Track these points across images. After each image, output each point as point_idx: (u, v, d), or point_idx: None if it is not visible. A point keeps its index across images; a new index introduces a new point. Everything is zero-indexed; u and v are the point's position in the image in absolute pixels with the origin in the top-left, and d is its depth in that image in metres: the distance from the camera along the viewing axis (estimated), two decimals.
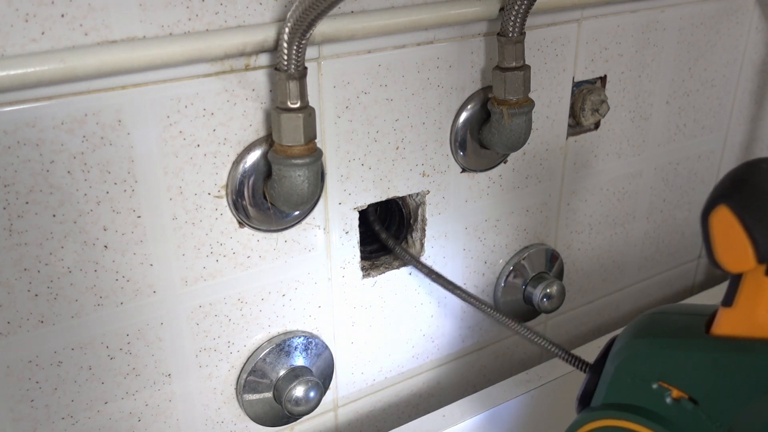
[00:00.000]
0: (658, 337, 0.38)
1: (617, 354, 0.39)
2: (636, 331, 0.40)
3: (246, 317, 0.52)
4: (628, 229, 0.73)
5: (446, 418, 0.57)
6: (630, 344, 0.39)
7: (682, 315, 0.39)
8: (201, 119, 0.45)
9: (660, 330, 0.39)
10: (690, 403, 0.36)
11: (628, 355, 0.39)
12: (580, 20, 0.59)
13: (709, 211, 0.32)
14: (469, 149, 0.57)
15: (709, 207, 0.32)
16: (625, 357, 0.39)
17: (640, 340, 0.39)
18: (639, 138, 0.69)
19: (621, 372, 0.39)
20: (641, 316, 0.41)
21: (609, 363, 0.40)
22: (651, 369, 0.37)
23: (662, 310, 0.40)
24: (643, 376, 0.38)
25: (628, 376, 0.38)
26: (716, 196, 0.32)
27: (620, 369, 0.39)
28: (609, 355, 0.40)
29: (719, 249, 0.32)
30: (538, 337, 0.52)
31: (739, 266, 0.32)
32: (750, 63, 0.74)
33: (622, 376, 0.39)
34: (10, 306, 0.43)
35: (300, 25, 0.41)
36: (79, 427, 0.48)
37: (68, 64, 0.38)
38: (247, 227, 0.49)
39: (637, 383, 0.38)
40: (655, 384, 0.37)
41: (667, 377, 0.37)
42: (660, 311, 0.40)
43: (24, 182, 0.40)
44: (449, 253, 0.60)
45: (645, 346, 0.38)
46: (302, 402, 0.52)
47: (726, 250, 0.32)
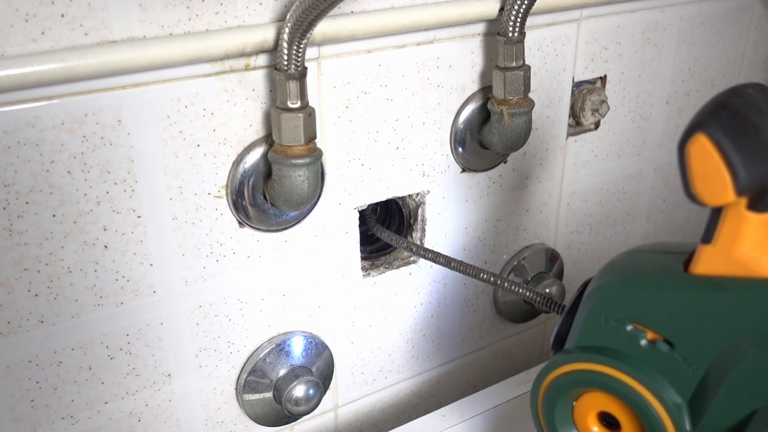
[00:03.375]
0: (634, 277, 0.36)
1: (591, 295, 0.37)
2: (611, 270, 0.38)
3: (246, 317, 0.52)
4: (628, 229, 0.73)
5: (446, 418, 0.57)
6: (604, 284, 0.37)
7: (660, 254, 0.37)
8: (201, 119, 0.45)
9: (636, 269, 0.37)
10: (666, 345, 0.34)
11: (602, 295, 0.37)
12: (580, 20, 0.59)
13: (685, 141, 0.30)
14: (469, 149, 0.57)
15: (686, 136, 0.30)
16: (599, 298, 0.37)
17: (615, 280, 0.37)
18: (639, 138, 0.69)
19: (594, 313, 0.37)
20: (617, 256, 0.39)
21: (583, 304, 0.38)
22: (625, 310, 0.36)
23: (639, 248, 0.39)
24: (617, 317, 0.36)
25: (601, 317, 0.36)
26: (694, 124, 0.30)
27: (594, 310, 0.37)
28: (583, 296, 0.38)
29: (696, 181, 0.30)
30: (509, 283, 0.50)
31: (717, 199, 0.30)
32: (750, 63, 0.74)
33: (595, 318, 0.37)
34: (10, 306, 0.43)
35: (300, 25, 0.41)
36: (79, 427, 0.48)
37: (68, 64, 0.38)
38: (247, 227, 0.49)
39: (611, 325, 0.36)
40: (629, 326, 0.35)
41: (643, 318, 0.35)
42: (636, 250, 0.38)
43: (24, 182, 0.40)
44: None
45: (619, 286, 0.36)
46: (302, 402, 0.52)
47: (703, 182, 0.30)
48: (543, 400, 0.40)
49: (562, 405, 0.39)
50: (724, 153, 0.29)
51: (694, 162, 0.30)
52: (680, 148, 0.31)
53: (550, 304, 0.48)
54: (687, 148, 0.31)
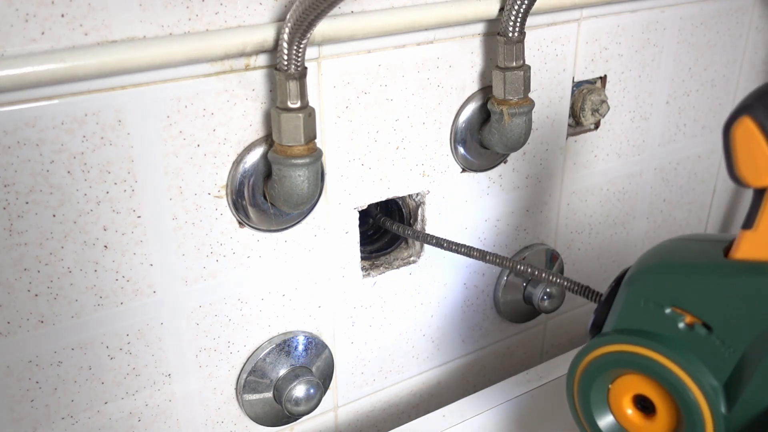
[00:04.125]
0: (673, 261, 0.37)
1: (630, 278, 0.38)
2: (651, 256, 0.38)
3: (246, 317, 0.52)
4: (628, 229, 0.73)
5: (446, 418, 0.57)
6: (644, 269, 0.38)
7: (700, 241, 0.38)
8: (201, 119, 0.45)
9: (675, 255, 0.37)
10: (704, 329, 0.35)
11: (642, 279, 0.37)
12: (580, 20, 0.59)
13: (731, 123, 0.31)
14: (469, 149, 0.57)
15: (731, 119, 0.31)
16: (637, 281, 0.37)
17: (654, 264, 0.37)
18: (639, 138, 0.69)
19: (633, 296, 0.37)
20: (659, 244, 0.40)
21: (622, 288, 0.38)
22: (664, 293, 0.36)
23: (681, 237, 0.39)
24: (656, 301, 0.36)
25: (640, 300, 0.37)
26: (740, 108, 0.31)
27: (633, 293, 0.37)
28: (622, 281, 0.39)
29: (741, 162, 0.31)
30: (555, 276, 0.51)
31: (759, 180, 0.31)
32: (750, 63, 0.74)
33: (634, 301, 0.37)
34: (10, 306, 0.43)
35: (300, 25, 0.41)
36: (79, 427, 0.48)
37: (68, 64, 0.38)
38: (247, 227, 0.49)
39: (650, 308, 0.37)
40: (668, 309, 0.36)
41: (681, 302, 0.36)
42: (678, 238, 0.39)
43: (24, 182, 0.40)
44: (449, 253, 0.60)
45: (658, 270, 0.37)
46: (302, 402, 0.52)
47: (747, 164, 0.31)
48: (579, 383, 0.40)
49: (598, 388, 0.40)
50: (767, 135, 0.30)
51: (738, 144, 0.31)
52: (725, 130, 0.32)
53: (587, 293, 0.48)
54: (732, 130, 0.31)
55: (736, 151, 0.31)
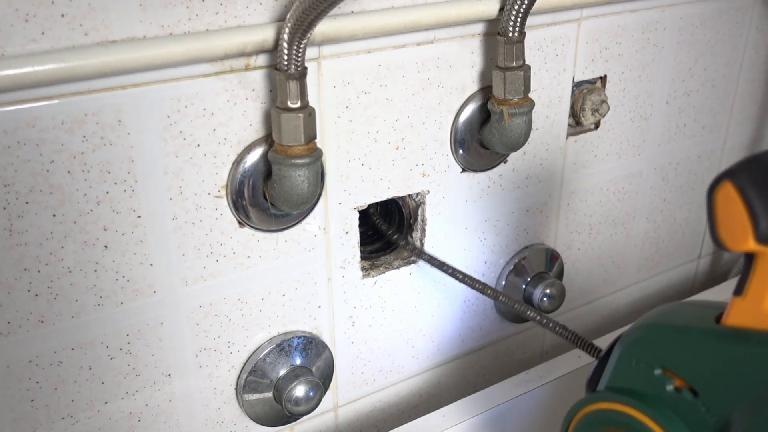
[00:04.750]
0: (666, 324, 0.38)
1: (624, 337, 0.39)
2: (646, 318, 0.39)
3: (246, 317, 0.52)
4: (628, 229, 0.73)
5: (446, 418, 0.57)
6: (637, 329, 0.39)
7: (696, 306, 0.38)
8: (201, 119, 0.45)
9: (669, 318, 0.38)
10: (690, 394, 0.35)
11: (635, 338, 0.38)
12: (580, 20, 0.59)
13: (713, 188, 0.32)
14: (469, 149, 0.57)
15: (714, 183, 0.32)
16: (631, 340, 0.38)
17: (647, 325, 0.38)
18: (639, 138, 0.69)
19: (626, 355, 0.38)
20: (657, 307, 0.41)
21: (617, 346, 0.39)
22: (655, 354, 0.37)
23: (678, 302, 0.40)
24: (647, 361, 0.37)
25: (633, 359, 0.38)
26: (723, 173, 0.32)
27: (625, 352, 0.38)
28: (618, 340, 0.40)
29: (721, 227, 0.32)
30: (553, 323, 0.52)
31: (738, 245, 0.32)
32: (750, 63, 0.74)
33: (626, 360, 0.38)
34: (10, 306, 0.43)
35: (300, 25, 0.41)
36: (79, 427, 0.48)
37: (68, 64, 0.38)
38: (247, 227, 0.49)
39: (641, 368, 0.38)
40: (658, 370, 0.37)
41: (671, 364, 0.36)
42: (675, 303, 0.40)
43: (24, 182, 0.40)
44: (449, 253, 0.60)
45: (651, 331, 0.38)
46: (302, 402, 0.52)
47: (726, 228, 0.32)
48: None
49: None
50: (747, 201, 0.31)
51: (719, 208, 0.32)
52: (708, 194, 0.32)
53: (587, 347, 0.50)
54: (714, 195, 0.32)
55: (717, 215, 0.32)
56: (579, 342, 0.51)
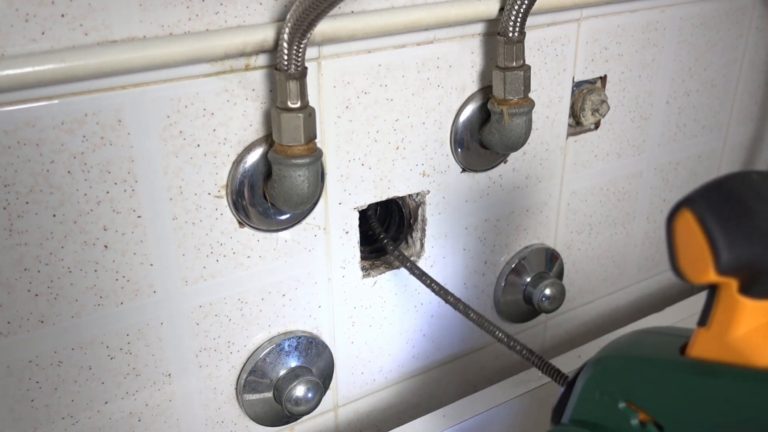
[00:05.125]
0: (629, 355, 0.36)
1: (587, 368, 0.38)
2: (610, 347, 0.38)
3: (246, 317, 0.52)
4: (628, 229, 0.73)
5: (446, 418, 0.57)
6: (600, 360, 0.37)
7: (662, 335, 0.37)
8: (201, 119, 0.45)
9: (634, 348, 0.37)
10: (655, 429, 0.34)
11: (597, 370, 0.37)
12: (580, 20, 0.59)
13: (672, 215, 0.30)
14: (469, 149, 0.57)
15: (673, 211, 0.30)
16: (593, 372, 0.37)
17: (611, 356, 0.37)
18: (639, 138, 0.69)
19: (589, 387, 0.37)
20: (623, 335, 0.39)
21: (580, 377, 0.38)
22: (618, 387, 0.36)
23: (646, 330, 0.39)
24: (610, 394, 0.36)
25: (596, 391, 0.37)
26: (682, 200, 0.30)
27: (589, 384, 0.37)
28: (581, 370, 0.39)
29: (680, 256, 0.30)
30: (520, 347, 0.52)
31: (698, 276, 0.30)
32: (750, 63, 0.74)
33: (590, 392, 0.37)
34: (10, 306, 0.43)
35: (300, 25, 0.41)
36: (79, 427, 0.48)
37: (68, 64, 0.38)
38: (247, 227, 0.49)
39: (605, 401, 0.36)
40: (622, 403, 0.35)
41: (635, 397, 0.35)
42: (643, 330, 0.39)
43: (24, 182, 0.40)
44: (449, 253, 0.60)
45: (613, 362, 0.36)
46: (302, 402, 0.52)
47: (686, 258, 0.30)
48: None
49: None
50: (707, 230, 0.29)
51: (678, 237, 0.30)
52: (667, 222, 0.31)
53: (554, 374, 0.48)
54: (673, 223, 0.31)
55: (676, 244, 0.31)
56: (544, 367, 0.49)
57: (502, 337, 0.53)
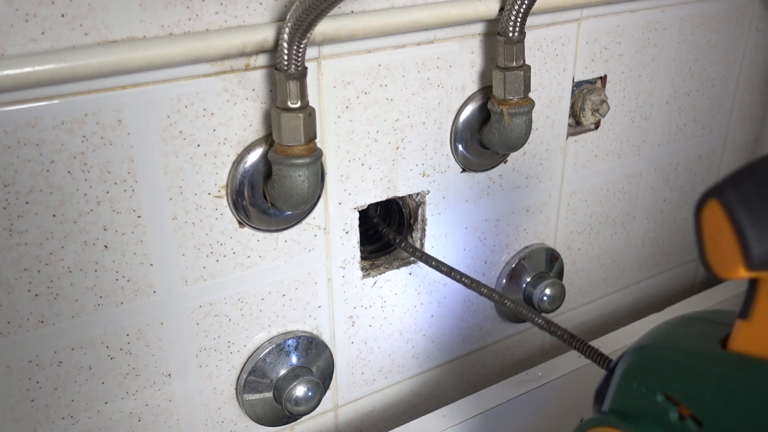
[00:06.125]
0: (669, 346, 0.35)
1: (627, 356, 0.37)
2: (652, 335, 0.37)
3: (246, 317, 0.52)
4: (628, 229, 0.73)
5: (446, 418, 0.57)
6: (640, 348, 0.36)
7: (701, 324, 0.35)
8: (201, 119, 0.45)
9: (674, 337, 0.35)
10: (694, 424, 0.33)
11: (636, 359, 0.36)
12: (580, 20, 0.59)
13: (700, 206, 0.28)
14: (469, 149, 0.57)
15: (701, 201, 0.28)
16: (632, 361, 0.36)
17: (650, 345, 0.36)
18: (639, 138, 0.69)
19: (627, 377, 0.36)
20: (664, 321, 0.38)
21: (620, 365, 0.37)
22: (657, 379, 0.34)
23: (689, 316, 0.37)
24: (648, 385, 0.35)
25: (634, 382, 0.35)
26: (710, 189, 0.28)
27: (627, 374, 0.36)
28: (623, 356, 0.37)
29: (708, 249, 0.28)
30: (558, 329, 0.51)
31: (728, 272, 0.28)
32: (750, 63, 0.74)
33: (628, 382, 0.36)
34: (10, 306, 0.43)
35: (300, 25, 0.41)
36: (79, 427, 0.48)
37: (68, 64, 0.38)
38: (247, 227, 0.49)
39: (643, 392, 0.35)
40: (660, 396, 0.34)
41: (674, 391, 0.33)
42: (685, 317, 0.37)
43: (24, 182, 0.40)
44: (449, 253, 0.60)
45: (653, 352, 0.35)
46: (302, 402, 0.52)
47: (714, 252, 0.28)
48: None
49: None
50: (735, 223, 0.27)
51: (706, 230, 0.28)
52: (695, 214, 0.29)
53: (596, 357, 0.47)
54: (701, 214, 0.28)
55: (704, 236, 0.28)
56: (587, 351, 0.48)
57: (541, 323, 0.52)
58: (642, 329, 0.67)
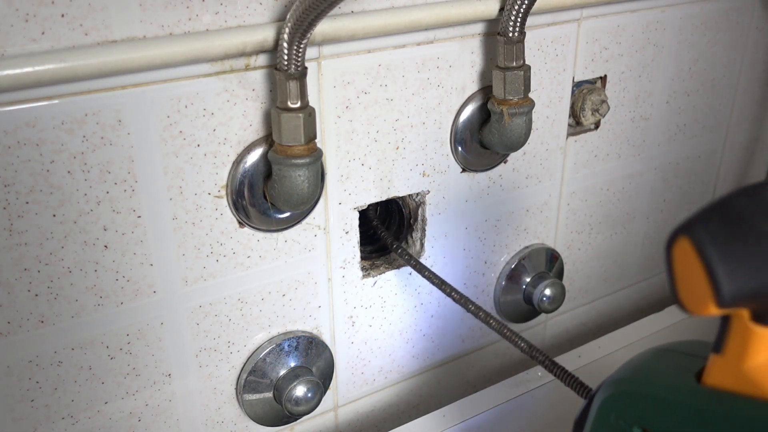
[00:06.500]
0: (645, 379, 0.35)
1: (603, 389, 0.37)
2: (628, 367, 0.37)
3: (246, 317, 0.52)
4: (628, 229, 0.73)
5: (446, 418, 0.57)
6: (616, 381, 0.36)
7: (680, 355, 0.35)
8: (201, 119, 0.45)
9: (651, 370, 0.35)
10: None
11: (613, 392, 0.36)
12: (580, 20, 0.59)
13: (670, 243, 0.28)
14: (469, 149, 0.57)
15: (671, 237, 0.28)
16: (609, 394, 0.36)
17: (627, 378, 0.36)
18: (639, 138, 0.69)
19: (604, 409, 0.36)
20: (641, 353, 0.38)
21: (597, 397, 0.37)
22: (634, 412, 0.34)
23: (664, 348, 0.37)
24: (625, 419, 0.35)
25: (611, 415, 0.35)
26: (680, 226, 0.28)
27: (604, 406, 0.36)
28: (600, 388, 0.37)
29: (679, 287, 0.28)
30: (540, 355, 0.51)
31: (699, 309, 0.28)
32: (750, 63, 0.74)
33: (605, 414, 0.36)
34: (10, 306, 0.43)
35: (300, 25, 0.41)
36: (79, 427, 0.48)
37: (68, 64, 0.38)
38: (247, 227, 0.49)
39: (620, 425, 0.35)
40: (637, 430, 0.34)
41: (650, 424, 0.33)
42: (661, 349, 0.37)
43: (24, 182, 0.40)
44: (449, 253, 0.60)
45: (629, 386, 0.35)
46: (302, 402, 0.52)
47: (685, 289, 0.28)
48: None
49: None
50: (705, 261, 0.26)
51: (677, 266, 0.28)
52: (666, 249, 0.28)
53: (577, 386, 0.47)
54: (671, 251, 0.28)
55: (675, 274, 0.28)
56: (567, 379, 0.48)
57: (523, 347, 0.52)
58: (642, 329, 0.67)
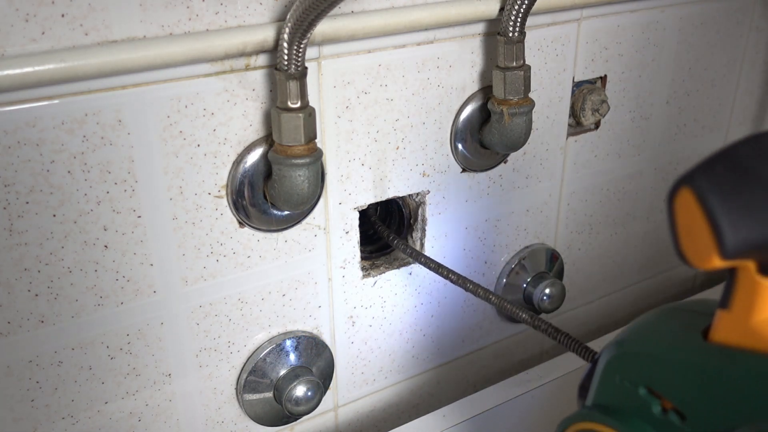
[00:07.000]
0: (649, 339, 0.34)
1: (607, 350, 0.36)
2: (633, 328, 0.36)
3: (246, 317, 0.52)
4: (628, 229, 0.73)
5: (446, 418, 0.57)
6: (621, 342, 0.35)
7: (686, 313, 0.35)
8: (201, 119, 0.45)
9: (656, 329, 0.35)
10: (677, 417, 0.32)
11: (617, 352, 0.35)
12: (580, 20, 0.59)
13: (672, 194, 0.27)
14: (469, 149, 0.57)
15: (673, 189, 0.27)
16: (613, 355, 0.35)
17: (632, 338, 0.35)
18: (639, 138, 0.69)
19: (609, 371, 0.35)
20: (649, 312, 0.37)
21: (601, 359, 0.36)
22: (639, 372, 0.34)
23: (670, 307, 0.37)
24: (630, 379, 0.34)
25: (616, 375, 0.35)
26: (682, 176, 0.27)
27: (609, 367, 0.35)
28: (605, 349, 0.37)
29: (682, 239, 0.27)
30: (545, 325, 0.51)
31: (702, 262, 0.27)
32: (750, 63, 0.74)
33: (610, 376, 0.35)
34: (10, 306, 0.43)
35: (300, 25, 0.41)
36: (79, 427, 0.48)
37: (68, 64, 0.38)
38: (248, 227, 0.49)
39: (625, 386, 0.34)
40: (642, 389, 0.34)
41: (656, 384, 0.33)
42: (666, 308, 0.37)
43: (24, 182, 0.40)
44: (449, 253, 0.60)
45: (634, 345, 0.34)
46: (302, 402, 0.52)
47: (688, 242, 0.27)
48: None
49: None
50: (708, 211, 0.26)
51: (679, 218, 0.27)
52: (668, 201, 0.28)
53: (581, 350, 0.47)
54: (673, 203, 0.27)
55: (677, 226, 0.27)
56: (571, 344, 0.48)
57: (525, 318, 0.52)
58: None
